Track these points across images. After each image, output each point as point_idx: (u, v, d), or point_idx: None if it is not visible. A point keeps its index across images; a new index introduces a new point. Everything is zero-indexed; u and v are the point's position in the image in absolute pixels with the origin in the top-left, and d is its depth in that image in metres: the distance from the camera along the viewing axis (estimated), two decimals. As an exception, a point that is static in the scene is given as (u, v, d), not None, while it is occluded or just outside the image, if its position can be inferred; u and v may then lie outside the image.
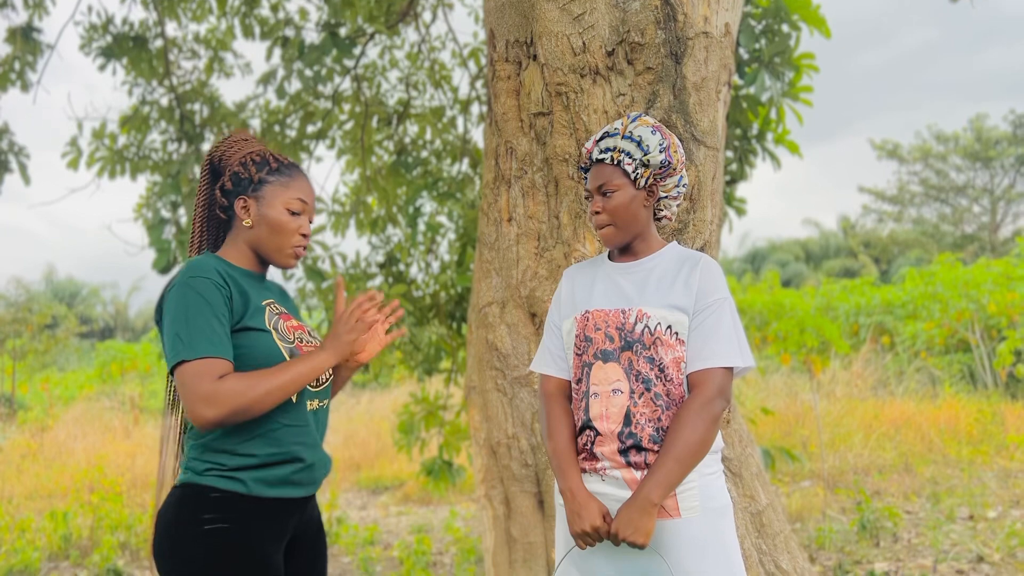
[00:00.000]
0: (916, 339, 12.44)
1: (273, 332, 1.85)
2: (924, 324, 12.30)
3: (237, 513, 1.76)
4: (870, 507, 5.42)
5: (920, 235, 29.29)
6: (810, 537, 5.31)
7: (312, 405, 1.90)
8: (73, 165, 6.24)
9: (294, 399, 1.85)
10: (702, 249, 2.94)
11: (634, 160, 2.01)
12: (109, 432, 12.18)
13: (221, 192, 1.97)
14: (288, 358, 1.84)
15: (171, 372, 1.76)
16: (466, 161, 6.24)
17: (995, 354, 10.98)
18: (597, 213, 2.03)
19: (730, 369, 1.99)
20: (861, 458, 7.69)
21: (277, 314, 1.91)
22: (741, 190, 5.07)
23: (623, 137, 2.04)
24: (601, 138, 2.07)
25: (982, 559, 4.58)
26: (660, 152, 2.02)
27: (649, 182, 2.04)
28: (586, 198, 2.10)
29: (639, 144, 2.02)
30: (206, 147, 6.33)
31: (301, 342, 1.91)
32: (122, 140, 6.24)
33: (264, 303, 1.89)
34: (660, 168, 2.04)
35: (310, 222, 1.99)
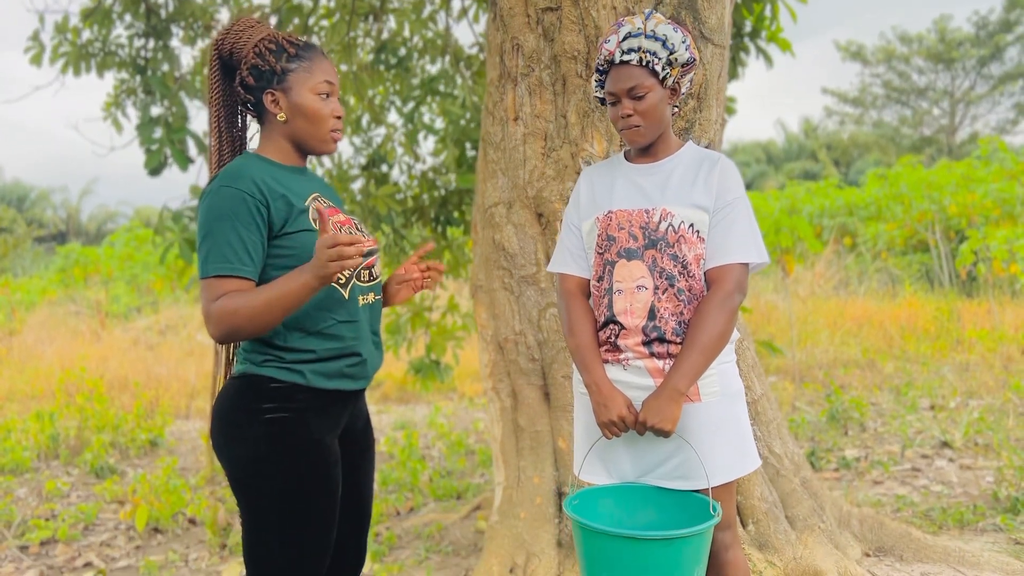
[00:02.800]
0: (877, 240, 12.75)
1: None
2: (886, 225, 12.60)
3: (295, 403, 1.81)
4: (839, 398, 5.70)
5: (879, 137, 29.57)
6: (782, 427, 5.57)
7: (364, 300, 1.92)
8: (36, 61, 5.99)
9: (346, 295, 1.86)
10: (707, 148, 2.98)
11: (661, 60, 2.01)
12: (78, 336, 12.11)
13: (244, 88, 1.90)
14: None
15: None
16: (447, 58, 6.13)
17: (953, 254, 11.33)
18: (628, 116, 2.03)
19: (746, 264, 2.07)
20: (827, 354, 8.00)
21: (321, 209, 1.86)
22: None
23: (647, 36, 2.02)
24: (624, 39, 2.04)
25: (946, 445, 4.87)
26: (685, 50, 2.03)
27: (675, 80, 2.06)
28: (611, 103, 2.06)
29: (664, 43, 2.01)
30: (175, 43, 6.10)
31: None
32: (86, 35, 5.99)
33: (307, 202, 1.87)
34: (684, 66, 2.06)
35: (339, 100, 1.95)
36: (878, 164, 26.96)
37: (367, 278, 1.95)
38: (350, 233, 1.91)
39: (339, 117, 1.92)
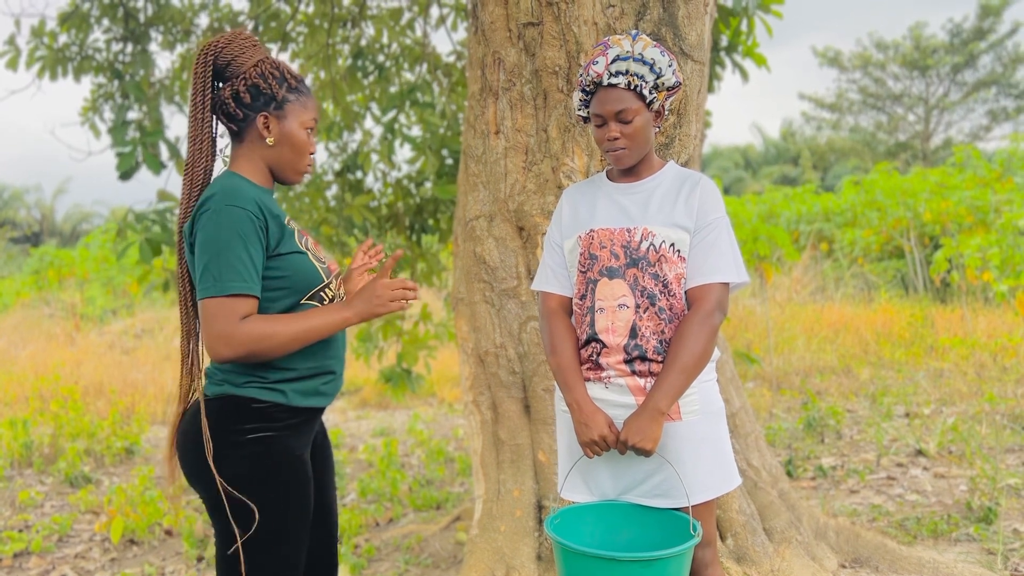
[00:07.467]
0: (853, 246, 12.89)
1: (308, 253, 1.88)
2: (862, 231, 12.73)
3: (277, 422, 1.84)
4: (815, 406, 5.75)
5: (856, 143, 29.87)
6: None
7: None
8: (12, 65, 5.93)
9: None
10: (687, 164, 3.01)
11: (648, 83, 2.02)
12: (52, 340, 11.96)
13: (235, 102, 1.90)
14: (324, 278, 1.89)
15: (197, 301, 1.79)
16: (424, 66, 6.13)
17: (927, 260, 11.47)
18: (615, 139, 2.03)
19: (727, 284, 2.08)
20: (804, 360, 8.07)
21: (299, 231, 1.93)
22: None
23: (635, 60, 2.02)
24: (612, 61, 2.04)
25: (920, 453, 4.93)
26: (672, 74, 2.04)
27: (661, 104, 2.07)
28: (597, 124, 2.07)
29: (651, 67, 2.01)
30: (153, 47, 6.06)
31: (327, 261, 1.97)
32: (63, 39, 5.93)
33: (287, 222, 1.89)
34: (670, 90, 2.07)
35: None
36: (855, 169, 27.26)
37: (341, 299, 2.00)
38: (324, 257, 1.98)
39: (312, 153, 2.00)
